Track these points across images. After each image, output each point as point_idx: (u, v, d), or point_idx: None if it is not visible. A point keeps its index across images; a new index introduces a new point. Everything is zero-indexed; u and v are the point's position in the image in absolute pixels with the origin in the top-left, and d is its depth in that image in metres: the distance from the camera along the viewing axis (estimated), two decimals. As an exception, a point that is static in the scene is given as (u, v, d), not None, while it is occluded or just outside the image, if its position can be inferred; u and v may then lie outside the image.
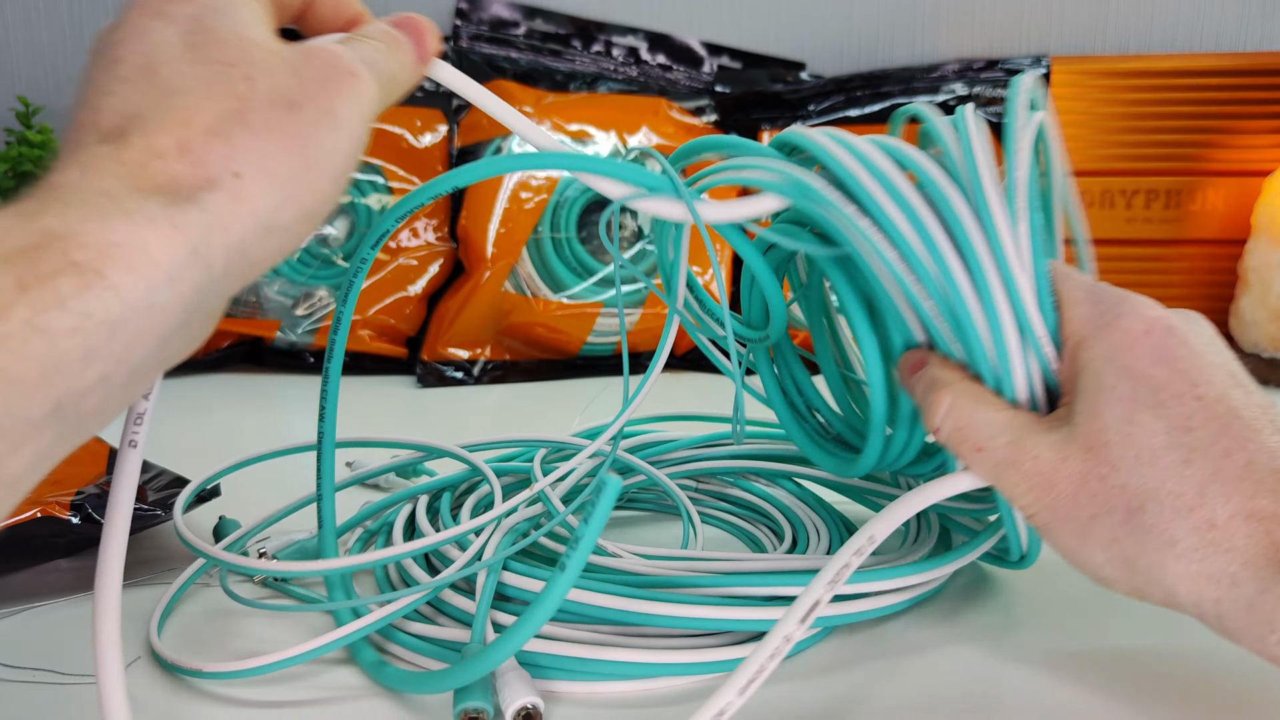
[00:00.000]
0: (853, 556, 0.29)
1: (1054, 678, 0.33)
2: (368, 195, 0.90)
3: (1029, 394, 0.30)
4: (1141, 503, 0.27)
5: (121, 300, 0.20)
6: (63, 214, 0.20)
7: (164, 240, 0.21)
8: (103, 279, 0.20)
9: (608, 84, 0.97)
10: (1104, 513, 0.27)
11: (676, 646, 0.34)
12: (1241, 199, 0.90)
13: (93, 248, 0.20)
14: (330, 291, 0.88)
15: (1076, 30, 0.99)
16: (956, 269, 0.30)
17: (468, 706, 0.30)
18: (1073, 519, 0.28)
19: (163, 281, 0.21)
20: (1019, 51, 0.99)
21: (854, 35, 1.01)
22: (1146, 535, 0.27)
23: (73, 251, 0.20)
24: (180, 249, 0.21)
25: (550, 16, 1.00)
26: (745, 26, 1.02)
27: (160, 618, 0.37)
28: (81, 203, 0.21)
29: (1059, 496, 0.28)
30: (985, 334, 0.30)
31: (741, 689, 0.27)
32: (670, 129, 0.92)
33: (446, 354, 0.86)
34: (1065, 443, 0.28)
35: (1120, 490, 0.27)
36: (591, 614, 0.34)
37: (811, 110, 0.94)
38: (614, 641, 0.34)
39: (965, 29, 1.00)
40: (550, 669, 0.33)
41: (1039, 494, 0.28)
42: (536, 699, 0.30)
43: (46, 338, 0.19)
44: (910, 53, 1.01)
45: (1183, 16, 0.98)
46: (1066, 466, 0.28)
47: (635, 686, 0.33)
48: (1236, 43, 0.98)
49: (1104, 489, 0.27)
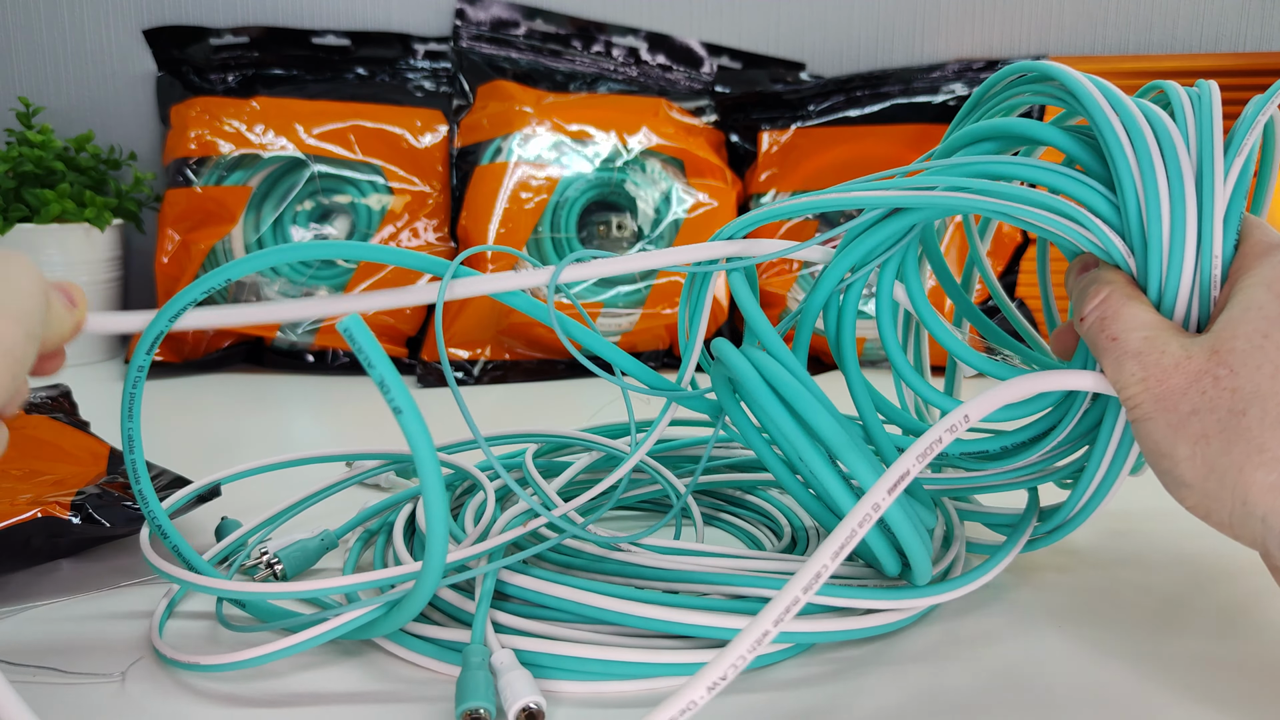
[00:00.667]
0: (945, 432, 0.30)
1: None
2: (368, 195, 0.90)
3: (1185, 311, 0.32)
4: (1245, 406, 0.28)
5: None
6: None
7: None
8: None
9: (608, 84, 0.97)
10: (1206, 409, 0.29)
11: (679, 646, 0.34)
12: (1241, 199, 0.90)
13: None
14: (330, 291, 0.88)
15: (1076, 31, 0.99)
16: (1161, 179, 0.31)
17: (470, 706, 0.30)
18: (1174, 410, 0.29)
19: None
20: (1019, 52, 0.99)
21: (854, 36, 1.01)
22: (1239, 437, 0.28)
23: None
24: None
25: (550, 17, 1.00)
26: (745, 27, 1.02)
27: (161, 618, 0.37)
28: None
29: (1169, 388, 0.29)
30: (1165, 240, 0.31)
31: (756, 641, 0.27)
32: (670, 129, 0.92)
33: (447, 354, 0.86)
34: (1194, 344, 0.30)
35: (1231, 393, 0.28)
36: (593, 615, 0.34)
37: (811, 110, 0.94)
38: (616, 641, 0.34)
39: (965, 29, 1.00)
40: (552, 669, 0.33)
41: (1152, 383, 0.30)
42: (539, 698, 0.30)
43: None
44: (910, 53, 1.01)
45: (1182, 17, 0.98)
46: (1189, 363, 0.29)
47: (637, 686, 0.33)
48: (1235, 43, 0.98)
49: (1215, 388, 0.29)
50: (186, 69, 0.97)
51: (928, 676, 0.34)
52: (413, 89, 0.96)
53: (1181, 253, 0.31)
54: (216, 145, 0.89)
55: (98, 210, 0.87)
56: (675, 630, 0.34)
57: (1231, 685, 0.33)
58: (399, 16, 1.01)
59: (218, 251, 0.88)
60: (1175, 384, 0.29)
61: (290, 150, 0.90)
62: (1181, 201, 0.31)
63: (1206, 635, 0.37)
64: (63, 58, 1.02)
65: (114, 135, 1.02)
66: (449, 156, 0.93)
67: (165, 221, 0.90)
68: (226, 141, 0.89)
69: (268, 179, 0.89)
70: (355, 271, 0.88)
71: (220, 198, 0.88)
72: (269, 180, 0.89)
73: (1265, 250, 0.31)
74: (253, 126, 0.90)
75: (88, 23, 1.02)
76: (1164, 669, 0.34)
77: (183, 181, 0.89)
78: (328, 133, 0.91)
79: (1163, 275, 0.31)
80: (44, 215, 0.85)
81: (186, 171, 0.89)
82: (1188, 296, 0.31)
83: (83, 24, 1.02)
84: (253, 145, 0.89)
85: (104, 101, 1.03)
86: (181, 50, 0.98)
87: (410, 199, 0.91)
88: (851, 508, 0.31)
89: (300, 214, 0.89)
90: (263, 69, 0.96)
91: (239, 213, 0.88)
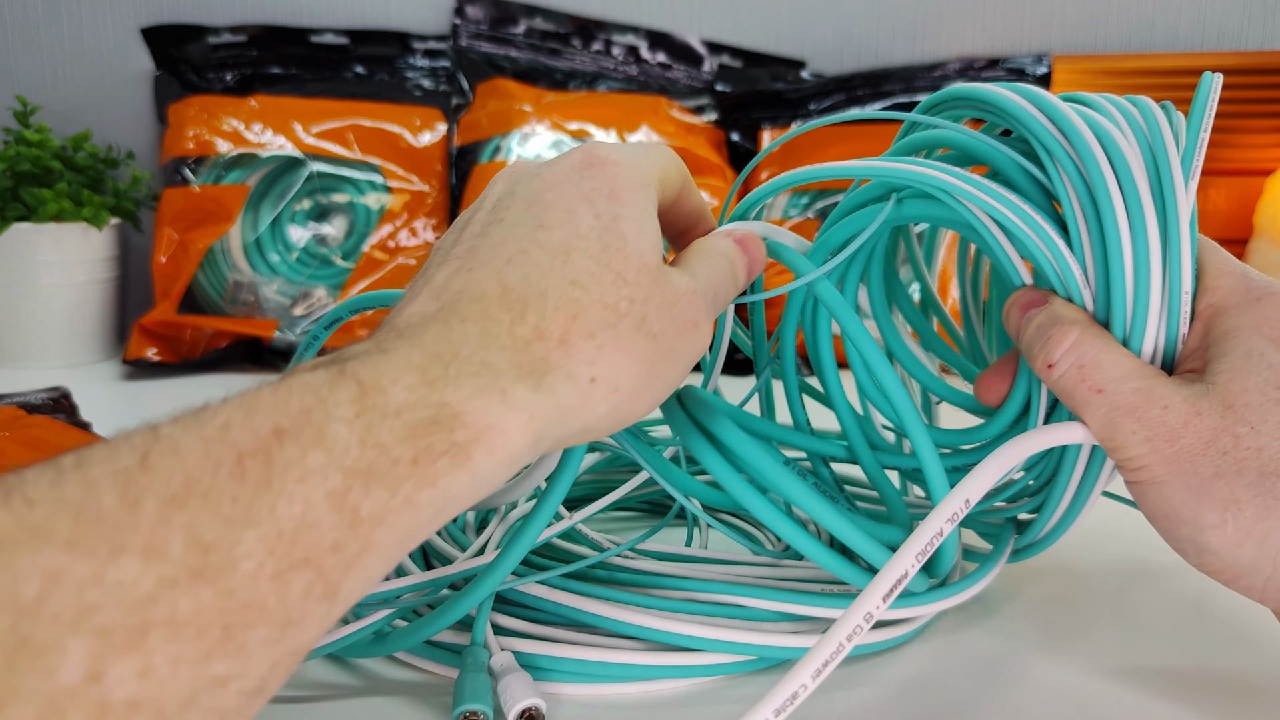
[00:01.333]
0: (946, 523, 0.28)
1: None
2: (366, 194, 0.90)
3: (1153, 349, 0.29)
4: (1277, 467, 0.26)
5: (471, 479, 0.21)
6: (458, 388, 0.22)
7: (521, 428, 0.22)
8: (468, 459, 0.21)
9: (607, 83, 0.97)
10: (1232, 472, 0.26)
11: (680, 650, 0.33)
12: (1243, 199, 0.90)
13: (472, 429, 0.21)
14: (329, 291, 0.88)
15: (1078, 29, 0.99)
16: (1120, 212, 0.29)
17: (467, 709, 0.29)
18: (1194, 474, 0.27)
19: (507, 464, 0.22)
20: (1021, 50, 0.99)
21: (855, 34, 1.01)
22: (1275, 501, 0.26)
23: (457, 431, 0.21)
24: (529, 436, 0.23)
25: (550, 15, 1.00)
26: (746, 25, 1.01)
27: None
28: (474, 375, 0.22)
29: (1182, 449, 0.27)
30: (1129, 278, 0.29)
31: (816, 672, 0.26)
32: (670, 128, 0.92)
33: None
34: (1200, 398, 0.27)
35: (1255, 452, 0.26)
36: (592, 621, 0.34)
37: (812, 109, 0.94)
38: (616, 644, 0.33)
39: (967, 27, 1.00)
40: (552, 671, 0.32)
41: (1160, 444, 0.27)
42: (539, 700, 0.30)
43: (414, 511, 0.20)
44: (911, 51, 1.00)
45: (1184, 15, 0.98)
46: (1199, 421, 0.27)
47: (637, 689, 0.32)
48: (1238, 42, 0.98)
49: (1237, 448, 0.27)
50: (184, 68, 0.96)
51: (917, 683, 0.33)
52: (411, 88, 0.96)
53: (1147, 286, 0.29)
54: (214, 144, 0.89)
55: (95, 209, 0.87)
56: (680, 643, 0.33)
57: (1232, 698, 0.33)
58: (398, 14, 1.01)
59: (215, 251, 0.87)
60: (1188, 445, 0.27)
61: (288, 149, 0.89)
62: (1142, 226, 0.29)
63: (1212, 647, 0.36)
64: (60, 56, 1.02)
65: (111, 134, 1.02)
66: (448, 155, 0.93)
67: (163, 221, 0.89)
68: (224, 140, 0.89)
69: (265, 178, 0.89)
70: (353, 271, 0.88)
71: (218, 197, 0.88)
72: (267, 179, 0.89)
73: (1235, 280, 0.29)
74: (250, 125, 0.90)
75: (85, 21, 1.01)
76: (1169, 682, 0.34)
77: (180, 180, 0.89)
78: (326, 131, 0.90)
79: (1128, 319, 0.29)
80: (41, 214, 0.85)
81: (184, 170, 0.89)
82: (1154, 340, 0.29)
83: (80, 22, 1.01)
84: (251, 144, 0.89)
85: (101, 100, 1.02)
86: (179, 49, 0.97)
87: (409, 198, 0.91)
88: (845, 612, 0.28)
89: (299, 213, 0.88)
90: (261, 68, 0.96)
91: (236, 212, 0.88)
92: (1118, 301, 0.29)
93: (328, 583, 0.19)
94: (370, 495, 0.19)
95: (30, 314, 0.87)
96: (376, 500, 0.20)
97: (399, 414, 0.20)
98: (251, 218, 0.88)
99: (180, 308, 0.87)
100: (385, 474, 0.20)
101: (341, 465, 0.19)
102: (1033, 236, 0.30)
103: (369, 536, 0.19)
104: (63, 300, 0.87)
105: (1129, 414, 0.28)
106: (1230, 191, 0.90)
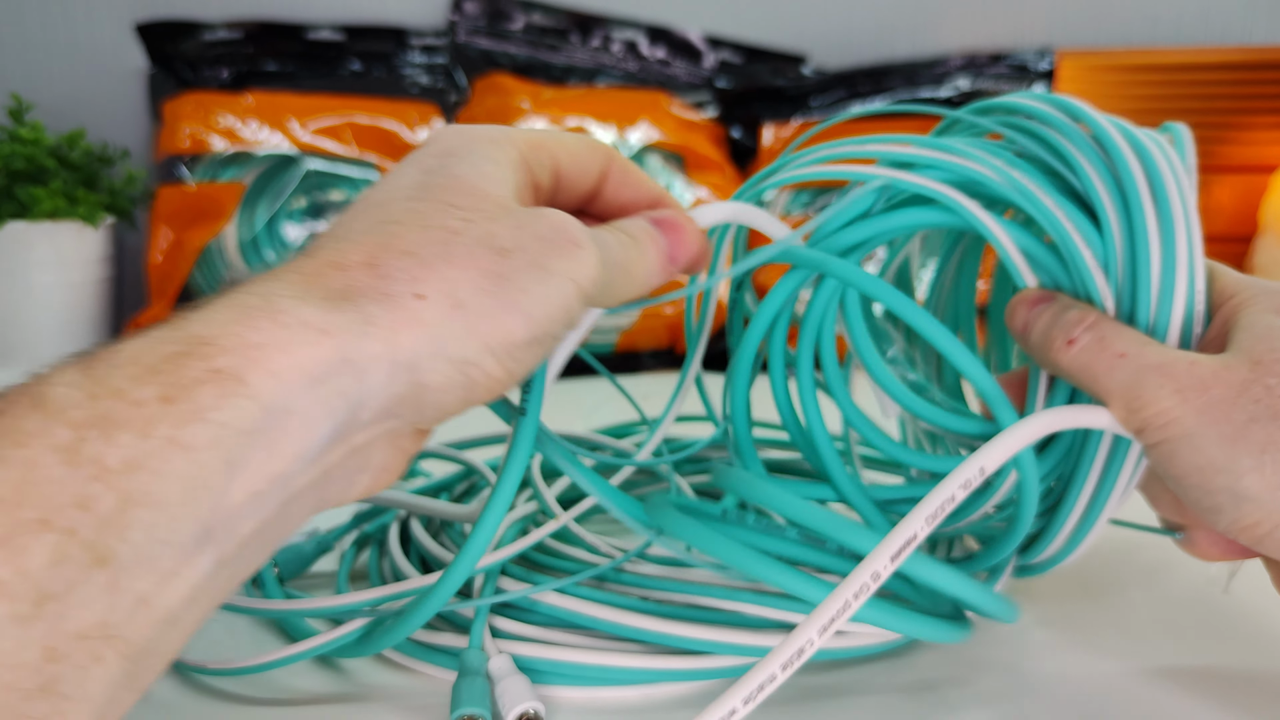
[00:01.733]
0: (959, 490, 0.27)
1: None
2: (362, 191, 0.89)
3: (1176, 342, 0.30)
4: None
5: (258, 405, 0.19)
6: (210, 317, 0.20)
7: (310, 342, 0.20)
8: (243, 385, 0.19)
9: (606, 78, 0.96)
10: (1266, 416, 0.26)
11: (679, 653, 0.33)
12: (1249, 195, 0.89)
13: (235, 351, 0.19)
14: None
15: (1082, 24, 0.98)
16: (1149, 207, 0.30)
17: (464, 713, 0.29)
18: (1227, 421, 0.27)
19: (300, 384, 0.20)
20: (1024, 45, 0.98)
21: (857, 28, 1.00)
22: None
23: (215, 358, 0.19)
24: (326, 352, 0.20)
25: (548, 10, 0.99)
26: (746, 19, 1.01)
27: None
28: (233, 305, 0.20)
29: (1213, 399, 0.27)
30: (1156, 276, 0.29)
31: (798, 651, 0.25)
32: (670, 123, 0.91)
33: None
34: (1227, 356, 0.28)
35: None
36: (590, 625, 0.33)
37: (814, 105, 0.93)
38: (614, 647, 0.33)
39: (970, 22, 0.99)
40: (550, 674, 0.32)
41: (1191, 395, 0.27)
42: (537, 704, 0.29)
43: (186, 453, 0.18)
44: (914, 46, 1.00)
45: (1188, 10, 0.97)
46: (1229, 373, 0.27)
47: (636, 692, 0.32)
48: (1243, 36, 0.97)
49: (1269, 395, 0.27)
50: (179, 64, 0.96)
51: (918, 685, 0.33)
52: (408, 84, 0.95)
53: (1172, 288, 0.29)
54: (209, 141, 0.88)
55: (90, 208, 0.86)
56: (680, 647, 0.32)
57: (1232, 698, 0.32)
58: (394, 10, 1.00)
59: (211, 249, 0.87)
60: (1220, 394, 0.27)
61: (284, 146, 0.89)
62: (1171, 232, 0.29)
63: (1216, 646, 0.36)
64: (54, 53, 1.01)
65: (106, 132, 1.01)
66: (446, 152, 0.92)
67: (158, 219, 0.89)
68: (220, 137, 0.88)
69: (262, 176, 0.88)
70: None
71: (213, 194, 0.87)
72: (263, 177, 0.88)
73: (1247, 281, 0.30)
74: (246, 122, 0.89)
75: (79, 18, 1.01)
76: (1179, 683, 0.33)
77: (175, 178, 0.88)
78: (322, 128, 0.90)
79: (1151, 313, 0.29)
80: (35, 213, 0.84)
81: (179, 168, 0.88)
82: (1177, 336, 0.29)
83: (74, 19, 1.01)
84: (246, 141, 0.88)
85: (96, 97, 1.02)
86: (174, 45, 0.96)
87: (407, 195, 0.90)
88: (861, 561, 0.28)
89: (295, 211, 0.88)
90: (256, 64, 0.95)
91: (232, 210, 0.87)
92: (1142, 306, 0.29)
93: (86, 543, 0.17)
94: (114, 443, 0.18)
95: (24, 313, 0.86)
96: (124, 447, 0.18)
97: (136, 360, 0.19)
98: (247, 216, 0.87)
99: (176, 306, 0.86)
100: (128, 419, 0.18)
101: (68, 420, 0.18)
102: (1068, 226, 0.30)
103: (127, 486, 0.18)
104: (57, 299, 0.87)
105: (1156, 370, 0.28)
106: (1235, 188, 0.89)
